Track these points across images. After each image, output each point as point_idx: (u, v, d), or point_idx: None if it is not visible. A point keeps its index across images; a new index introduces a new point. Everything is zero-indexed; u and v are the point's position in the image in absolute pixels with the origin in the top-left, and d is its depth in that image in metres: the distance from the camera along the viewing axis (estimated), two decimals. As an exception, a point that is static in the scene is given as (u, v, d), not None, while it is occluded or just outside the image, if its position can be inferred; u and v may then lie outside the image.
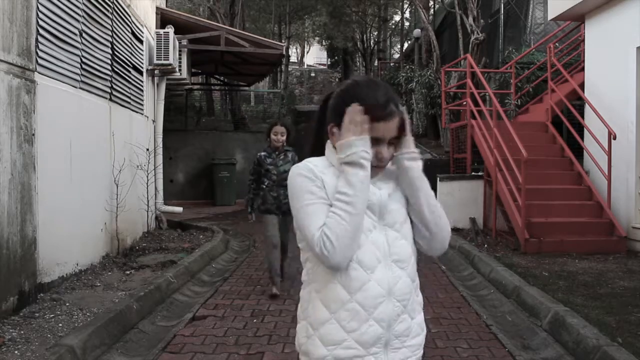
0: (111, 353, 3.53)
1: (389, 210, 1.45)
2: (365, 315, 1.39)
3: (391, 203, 1.46)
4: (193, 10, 19.40)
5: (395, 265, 1.43)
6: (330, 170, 1.46)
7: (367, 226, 1.41)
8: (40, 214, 4.38)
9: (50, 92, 4.62)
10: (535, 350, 3.74)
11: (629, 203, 6.95)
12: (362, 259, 1.40)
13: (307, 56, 42.74)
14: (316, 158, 1.51)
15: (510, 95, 10.47)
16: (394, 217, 1.46)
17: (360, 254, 1.40)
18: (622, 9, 7.23)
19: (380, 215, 1.44)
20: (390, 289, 1.41)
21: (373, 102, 1.40)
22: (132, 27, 7.09)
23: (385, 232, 1.44)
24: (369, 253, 1.41)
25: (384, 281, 1.41)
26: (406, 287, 1.44)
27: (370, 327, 1.39)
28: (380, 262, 1.41)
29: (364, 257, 1.40)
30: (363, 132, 1.39)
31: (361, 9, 22.90)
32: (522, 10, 12.35)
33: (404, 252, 1.45)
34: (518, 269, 5.53)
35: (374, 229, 1.43)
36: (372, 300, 1.39)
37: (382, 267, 1.41)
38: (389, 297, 1.41)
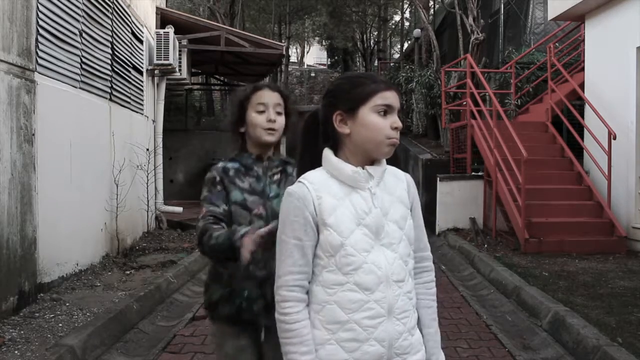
0: (111, 353, 3.54)
1: (385, 231, 1.43)
2: (365, 336, 1.38)
3: (388, 224, 1.44)
4: (193, 10, 19.39)
5: (395, 284, 1.42)
6: (329, 184, 1.44)
7: (363, 246, 1.40)
8: (40, 214, 4.38)
9: (50, 92, 4.62)
10: (535, 350, 3.74)
11: (629, 203, 6.95)
12: (361, 281, 1.38)
13: (307, 56, 42.74)
14: (314, 172, 1.48)
15: (510, 95, 10.46)
16: (390, 238, 1.44)
17: (358, 276, 1.38)
18: (622, 9, 7.23)
19: (377, 235, 1.42)
20: (390, 309, 1.40)
21: (373, 77, 1.48)
22: (132, 27, 7.09)
23: (384, 253, 1.42)
24: (370, 274, 1.39)
25: (384, 301, 1.39)
26: (406, 305, 1.43)
27: (371, 347, 1.38)
28: (382, 282, 1.40)
29: (363, 279, 1.38)
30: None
31: (361, 9, 22.90)
32: (522, 10, 12.34)
33: (402, 271, 1.44)
34: (518, 269, 5.53)
35: (372, 250, 1.41)
36: (371, 320, 1.38)
37: (383, 287, 1.40)
38: (390, 317, 1.40)
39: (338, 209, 1.40)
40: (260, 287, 1.87)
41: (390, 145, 1.43)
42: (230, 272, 1.91)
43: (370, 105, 1.42)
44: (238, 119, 2.01)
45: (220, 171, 2.00)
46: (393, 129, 1.42)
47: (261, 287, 1.87)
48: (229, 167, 2.01)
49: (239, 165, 2.00)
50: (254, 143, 2.02)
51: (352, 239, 1.39)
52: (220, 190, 1.96)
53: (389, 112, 1.43)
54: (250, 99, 1.99)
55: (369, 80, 1.46)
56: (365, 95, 1.43)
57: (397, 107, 1.45)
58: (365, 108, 1.42)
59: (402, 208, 1.48)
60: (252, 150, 2.03)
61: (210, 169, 2.05)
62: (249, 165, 2.00)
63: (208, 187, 1.98)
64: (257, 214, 1.94)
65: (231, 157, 2.06)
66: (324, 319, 1.40)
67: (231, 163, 2.03)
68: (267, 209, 1.95)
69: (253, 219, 1.93)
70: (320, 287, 1.40)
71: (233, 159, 2.04)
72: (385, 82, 1.47)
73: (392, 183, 1.49)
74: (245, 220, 1.93)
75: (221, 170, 2.00)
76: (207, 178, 1.99)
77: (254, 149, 2.03)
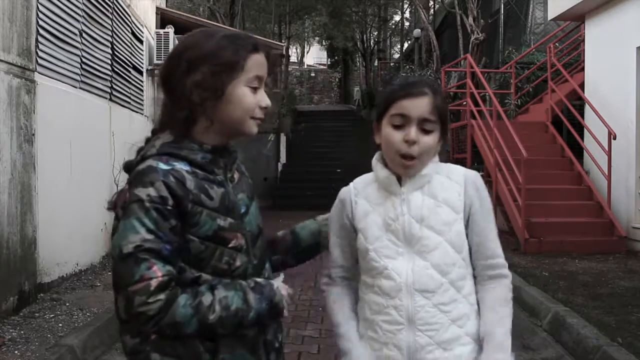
0: (111, 353, 3.54)
1: (417, 238, 1.36)
2: (384, 339, 1.37)
3: (422, 230, 1.36)
4: (193, 10, 19.39)
5: (419, 294, 1.34)
6: (369, 189, 1.44)
7: (388, 253, 1.37)
8: (40, 214, 4.38)
9: (50, 92, 4.62)
10: (535, 350, 3.74)
11: (629, 203, 6.95)
12: (382, 286, 1.37)
13: (307, 56, 42.74)
14: (366, 175, 1.48)
15: (510, 95, 10.47)
16: (422, 245, 1.36)
17: (379, 280, 1.37)
18: (622, 9, 7.23)
19: (408, 241, 1.36)
20: (410, 319, 1.34)
21: (402, 82, 1.39)
22: (132, 27, 7.09)
23: (413, 261, 1.36)
24: (389, 281, 1.36)
25: (403, 310, 1.35)
26: (431, 318, 1.34)
27: (390, 351, 1.36)
28: (401, 290, 1.35)
29: (384, 284, 1.37)
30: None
31: (361, 9, 22.88)
32: (522, 10, 12.34)
33: (431, 282, 1.35)
34: (518, 269, 5.53)
35: (399, 256, 1.36)
36: (389, 326, 1.36)
37: (402, 295, 1.35)
38: (410, 326, 1.34)
39: (369, 215, 1.40)
40: (253, 352, 1.27)
41: (402, 162, 1.34)
42: (212, 346, 1.21)
43: (387, 115, 1.36)
44: (213, 86, 1.20)
45: (172, 184, 1.16)
46: (405, 142, 1.33)
47: (254, 353, 1.27)
48: (182, 172, 1.19)
49: (191, 167, 1.21)
50: (222, 130, 1.26)
51: (377, 245, 1.37)
52: (174, 226, 1.15)
53: (406, 123, 1.33)
54: (244, 66, 1.22)
55: (395, 86, 1.39)
56: (384, 105, 1.38)
57: (420, 116, 1.33)
58: (385, 119, 1.37)
59: (447, 212, 1.37)
60: (205, 138, 1.25)
61: (136, 176, 1.18)
62: (206, 166, 1.24)
63: (151, 219, 1.14)
64: (235, 247, 1.24)
65: (164, 150, 1.21)
66: (360, 315, 1.45)
67: (178, 163, 1.20)
68: (244, 235, 1.27)
69: (229, 257, 1.23)
70: (360, 286, 1.45)
71: (171, 154, 1.20)
72: (410, 87, 1.36)
73: (439, 186, 1.39)
74: (212, 261, 1.21)
75: (173, 181, 1.16)
76: (144, 199, 1.14)
77: (213, 137, 1.26)
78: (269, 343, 1.30)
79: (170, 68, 1.25)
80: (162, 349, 1.19)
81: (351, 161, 14.03)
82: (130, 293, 1.11)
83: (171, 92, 1.25)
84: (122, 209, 1.19)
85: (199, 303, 1.15)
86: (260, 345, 1.27)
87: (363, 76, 26.29)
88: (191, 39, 1.26)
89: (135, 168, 1.21)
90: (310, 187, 13.09)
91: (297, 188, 13.37)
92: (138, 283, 1.11)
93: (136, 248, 1.12)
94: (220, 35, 1.25)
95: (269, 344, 1.30)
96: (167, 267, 1.13)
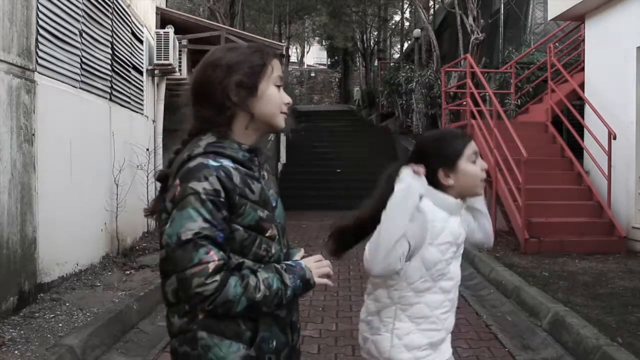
0: (111, 353, 3.54)
1: (460, 243, 1.79)
2: (438, 325, 1.76)
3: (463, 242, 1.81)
4: (193, 10, 19.39)
5: (458, 286, 1.83)
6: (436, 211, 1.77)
7: (448, 258, 1.74)
8: (40, 214, 4.38)
9: (50, 92, 4.62)
10: (535, 350, 3.74)
11: (629, 203, 6.95)
12: (444, 286, 1.75)
13: (307, 56, 42.73)
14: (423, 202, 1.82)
15: (510, 95, 10.47)
16: (461, 251, 1.81)
17: (443, 282, 1.74)
18: (622, 9, 7.23)
19: (458, 249, 1.79)
20: (454, 305, 1.81)
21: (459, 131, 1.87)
22: (132, 27, 7.09)
23: (457, 262, 1.80)
24: (450, 281, 1.76)
25: (454, 299, 1.80)
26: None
27: (440, 333, 1.76)
28: (455, 286, 1.79)
29: (446, 284, 1.75)
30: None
31: (361, 9, 22.87)
32: (522, 10, 12.34)
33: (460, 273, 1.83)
34: (518, 269, 5.53)
35: (453, 261, 1.77)
36: (444, 314, 1.76)
37: (454, 289, 1.80)
38: (452, 310, 1.81)
39: (443, 232, 1.71)
40: (284, 331, 1.46)
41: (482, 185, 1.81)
42: (252, 325, 1.38)
43: (464, 156, 1.74)
44: (250, 86, 1.40)
45: (223, 178, 1.32)
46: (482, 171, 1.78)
47: (284, 332, 1.46)
48: (229, 168, 1.35)
49: (234, 164, 1.37)
50: (258, 126, 1.44)
51: (447, 254, 1.73)
52: (225, 216, 1.32)
53: (477, 159, 1.76)
54: (266, 66, 1.44)
55: (458, 136, 1.79)
56: (461, 148, 1.75)
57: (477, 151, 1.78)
58: (462, 159, 1.73)
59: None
60: (243, 139, 1.43)
61: (189, 172, 1.32)
62: (246, 163, 1.41)
63: (207, 210, 1.29)
64: (271, 236, 1.42)
65: (210, 149, 1.36)
66: (411, 315, 1.73)
67: (225, 160, 1.36)
68: (276, 226, 1.45)
69: (267, 245, 1.41)
70: (412, 293, 1.72)
71: (217, 153, 1.36)
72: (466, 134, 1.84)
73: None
74: (253, 248, 1.38)
75: (224, 176, 1.32)
76: (200, 191, 1.29)
77: (249, 136, 1.44)
78: (294, 324, 1.50)
79: (206, 75, 1.42)
80: (208, 327, 1.34)
81: (351, 161, 14.06)
82: (189, 275, 1.27)
83: (209, 97, 1.40)
84: (172, 202, 1.32)
85: (247, 284, 1.31)
86: (288, 325, 1.47)
87: (363, 76, 26.30)
88: (218, 53, 1.46)
89: (184, 166, 1.34)
90: (310, 187, 13.09)
91: (297, 188, 13.36)
92: (197, 266, 1.26)
93: (195, 235, 1.27)
94: (245, 46, 1.47)
95: (293, 325, 1.50)
96: (221, 253, 1.30)
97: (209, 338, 1.35)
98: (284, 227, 1.50)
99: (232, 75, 1.39)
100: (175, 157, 1.42)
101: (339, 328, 4.16)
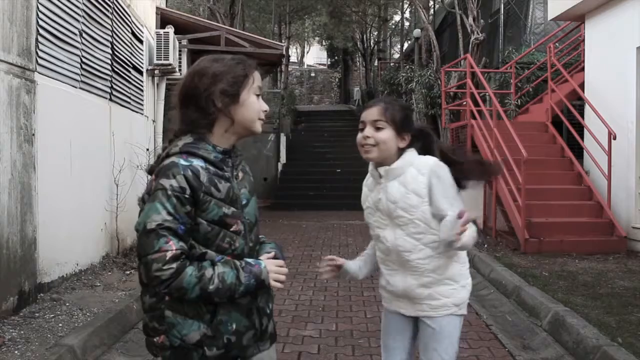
0: (111, 353, 3.54)
1: (394, 215, 2.00)
2: (387, 279, 2.11)
3: (397, 210, 1.97)
4: (193, 10, 19.38)
5: (402, 253, 2.03)
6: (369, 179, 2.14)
7: (379, 225, 2.09)
8: (40, 214, 4.38)
9: (50, 92, 4.62)
10: (535, 350, 3.74)
11: (629, 203, 6.95)
12: (380, 247, 2.11)
13: (307, 56, 42.72)
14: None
15: (510, 95, 10.47)
16: (399, 220, 1.99)
17: (378, 244, 2.10)
18: (622, 9, 7.23)
19: (389, 217, 2.02)
20: (402, 266, 2.07)
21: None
22: (132, 27, 7.09)
23: (394, 231, 2.03)
24: (382, 244, 2.07)
25: (395, 261, 2.06)
26: (413, 267, 2.04)
27: (391, 287, 2.10)
28: (390, 250, 2.05)
29: (380, 247, 2.10)
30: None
31: (361, 9, 22.87)
32: (522, 10, 12.34)
33: (407, 244, 2.00)
34: (518, 269, 5.53)
35: (387, 227, 2.05)
36: (388, 271, 2.10)
37: (392, 253, 2.06)
38: (403, 271, 2.07)
39: (368, 198, 2.09)
40: (248, 316, 1.59)
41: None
42: (212, 308, 1.54)
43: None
44: (233, 94, 1.56)
45: (190, 177, 1.48)
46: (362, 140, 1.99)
47: (248, 317, 1.59)
48: (197, 168, 1.51)
49: (205, 164, 1.53)
50: (238, 129, 1.61)
51: (372, 220, 2.08)
52: (189, 211, 1.48)
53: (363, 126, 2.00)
54: (248, 77, 1.59)
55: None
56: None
57: (370, 120, 1.97)
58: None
59: (414, 198, 1.94)
60: (219, 142, 1.59)
61: (162, 170, 1.50)
62: (217, 164, 1.56)
63: (171, 204, 1.45)
64: (235, 231, 1.57)
65: (185, 149, 1.53)
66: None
67: (196, 160, 1.52)
68: (243, 223, 1.59)
69: (230, 238, 1.56)
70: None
71: (190, 153, 1.53)
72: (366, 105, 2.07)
73: (410, 178, 1.95)
74: (216, 240, 1.54)
75: (191, 175, 1.48)
76: (167, 188, 1.46)
77: (227, 139, 1.61)
78: (261, 309, 1.63)
79: (194, 82, 1.56)
80: (173, 307, 1.53)
81: (351, 161, 14.05)
82: (150, 260, 1.44)
83: (195, 102, 1.56)
84: (148, 194, 1.51)
85: (202, 275, 1.47)
86: (254, 311, 1.60)
87: (363, 76, 26.30)
88: (205, 62, 1.59)
89: (160, 163, 1.53)
90: (310, 187, 13.10)
91: (297, 188, 13.37)
92: (157, 253, 1.43)
93: (158, 225, 1.44)
94: (229, 57, 1.62)
95: (261, 310, 1.63)
96: (180, 243, 1.46)
97: (173, 317, 1.53)
98: (253, 223, 1.64)
99: (217, 83, 1.55)
100: (162, 154, 1.59)
101: (339, 328, 4.16)
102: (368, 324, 4.28)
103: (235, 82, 1.57)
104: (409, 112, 2.07)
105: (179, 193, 1.46)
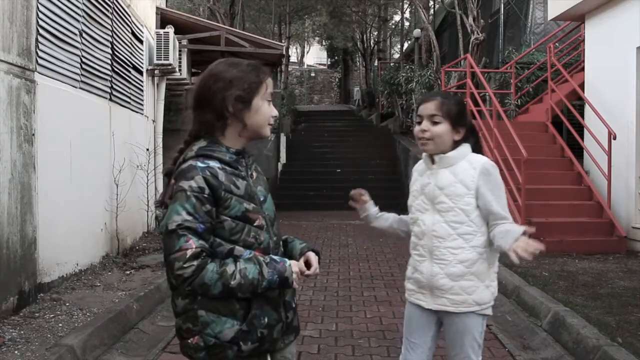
0: (111, 353, 3.54)
1: (437, 201, 2.10)
2: (415, 265, 2.18)
3: (441, 196, 2.08)
4: (193, 10, 19.38)
5: (435, 239, 2.13)
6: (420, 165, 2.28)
7: (419, 208, 2.20)
8: (40, 214, 4.38)
9: (50, 92, 4.62)
10: (535, 350, 3.74)
11: (629, 203, 6.95)
12: (415, 231, 2.23)
13: (307, 56, 42.72)
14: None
15: (510, 95, 10.47)
16: (440, 206, 2.09)
17: (414, 227, 2.22)
18: (622, 9, 7.23)
19: (431, 202, 2.15)
20: (430, 254, 2.15)
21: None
22: (132, 27, 7.09)
23: (433, 216, 2.13)
24: (418, 227, 2.18)
25: (426, 247, 2.14)
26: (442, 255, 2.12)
27: (418, 275, 2.16)
28: (425, 234, 2.16)
29: (416, 229, 2.22)
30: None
31: (361, 9, 22.86)
32: (522, 10, 12.34)
33: (443, 231, 2.10)
34: (518, 269, 5.53)
35: (426, 212, 2.18)
36: (418, 257, 2.17)
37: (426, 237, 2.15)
38: (430, 259, 2.14)
39: (415, 182, 2.21)
40: (276, 309, 1.65)
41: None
42: (245, 304, 1.59)
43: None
44: (246, 99, 1.62)
45: (209, 177, 1.55)
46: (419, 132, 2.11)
47: (276, 310, 1.65)
48: (215, 168, 1.58)
49: (221, 165, 1.60)
50: (248, 133, 1.67)
51: (415, 202, 2.20)
52: (209, 210, 1.54)
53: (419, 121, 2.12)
54: (262, 85, 1.65)
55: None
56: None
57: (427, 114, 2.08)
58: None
59: (461, 188, 2.05)
60: (231, 144, 1.66)
61: (181, 173, 1.57)
62: (232, 164, 1.63)
63: (191, 205, 1.52)
64: (259, 225, 1.63)
65: (200, 152, 1.61)
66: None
67: (212, 162, 1.60)
68: (264, 218, 1.66)
69: (255, 233, 1.62)
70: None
71: (206, 155, 1.61)
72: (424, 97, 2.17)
73: (461, 169, 2.06)
74: (242, 235, 1.59)
75: (209, 175, 1.55)
76: (186, 189, 1.53)
77: (239, 141, 1.68)
78: (287, 303, 1.70)
79: (208, 85, 1.62)
80: (206, 306, 1.56)
81: (351, 161, 14.06)
82: (172, 259, 1.50)
83: (210, 104, 1.62)
84: (170, 198, 1.57)
85: (223, 271, 1.52)
86: (281, 304, 1.67)
87: (363, 76, 26.29)
88: (222, 67, 1.65)
89: (179, 167, 1.60)
90: (310, 187, 13.08)
91: (297, 188, 13.35)
92: (178, 252, 1.49)
93: (178, 226, 1.50)
94: (245, 63, 1.67)
95: (287, 304, 1.70)
96: (200, 242, 1.51)
97: (207, 316, 1.56)
98: (272, 218, 1.72)
99: (232, 89, 1.61)
100: (179, 156, 1.66)
101: (339, 328, 4.16)
102: (368, 324, 4.28)
103: (250, 89, 1.62)
104: (464, 107, 2.14)
105: (198, 193, 1.53)
